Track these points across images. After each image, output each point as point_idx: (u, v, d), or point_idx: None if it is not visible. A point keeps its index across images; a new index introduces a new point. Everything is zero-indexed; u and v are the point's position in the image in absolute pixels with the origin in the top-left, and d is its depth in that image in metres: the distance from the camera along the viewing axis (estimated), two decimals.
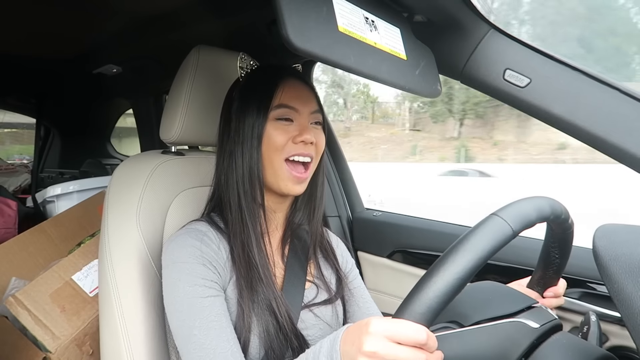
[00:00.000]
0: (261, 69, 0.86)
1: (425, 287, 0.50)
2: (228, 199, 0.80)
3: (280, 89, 0.79)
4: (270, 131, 0.78)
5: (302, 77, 0.84)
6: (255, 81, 0.83)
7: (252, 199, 0.79)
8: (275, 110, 0.78)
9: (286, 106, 0.78)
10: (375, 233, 1.47)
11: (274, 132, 0.78)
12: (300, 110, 0.79)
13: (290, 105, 0.78)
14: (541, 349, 0.61)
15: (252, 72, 0.85)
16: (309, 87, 0.83)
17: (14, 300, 1.11)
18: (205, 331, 0.68)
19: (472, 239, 0.52)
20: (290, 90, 0.79)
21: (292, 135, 0.78)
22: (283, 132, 0.78)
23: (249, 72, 0.85)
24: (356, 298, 0.92)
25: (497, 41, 0.76)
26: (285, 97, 0.78)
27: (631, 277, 0.49)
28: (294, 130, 0.79)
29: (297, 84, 0.81)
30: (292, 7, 0.51)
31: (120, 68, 1.89)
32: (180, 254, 0.74)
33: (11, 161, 3.24)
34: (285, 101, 0.78)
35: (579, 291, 0.99)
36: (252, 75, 0.85)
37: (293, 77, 0.81)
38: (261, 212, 0.82)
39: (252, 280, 0.75)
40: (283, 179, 0.79)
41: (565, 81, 0.70)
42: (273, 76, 0.81)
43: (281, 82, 0.79)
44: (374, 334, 0.51)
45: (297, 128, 0.79)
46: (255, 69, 0.86)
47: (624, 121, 0.65)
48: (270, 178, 0.80)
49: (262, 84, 0.80)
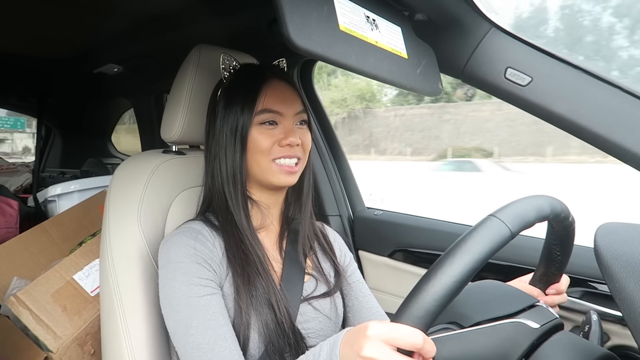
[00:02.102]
0: (243, 70, 0.85)
1: (422, 291, 0.50)
2: (216, 200, 0.81)
3: (263, 93, 0.78)
4: (255, 135, 0.78)
5: (285, 77, 0.83)
6: (238, 83, 0.82)
7: (236, 199, 0.79)
8: (260, 115, 0.78)
9: (270, 111, 0.78)
10: (376, 232, 1.47)
11: (259, 137, 0.78)
12: (285, 113, 0.79)
13: (275, 110, 0.78)
14: (542, 348, 0.61)
15: (235, 73, 0.85)
16: (292, 87, 0.83)
17: (16, 300, 1.11)
18: (203, 330, 0.68)
19: (469, 241, 0.52)
20: (273, 94, 0.79)
21: (278, 138, 0.78)
22: (268, 137, 0.78)
23: (231, 72, 0.85)
24: (355, 292, 0.92)
25: (499, 40, 0.76)
26: (268, 101, 0.78)
27: (632, 276, 0.49)
28: (279, 133, 0.79)
29: (281, 85, 0.81)
30: (293, 5, 0.51)
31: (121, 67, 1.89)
32: (175, 253, 0.74)
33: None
34: (269, 105, 0.78)
35: (580, 290, 0.99)
36: (235, 76, 0.84)
37: (276, 79, 0.81)
38: (255, 209, 0.82)
39: (250, 276, 0.75)
40: (273, 174, 0.79)
41: (566, 80, 0.70)
42: (255, 79, 0.80)
43: (264, 85, 0.79)
44: (372, 337, 0.51)
45: (282, 131, 0.79)
46: (238, 69, 0.85)
47: (625, 119, 0.65)
48: (259, 176, 0.80)
49: (246, 87, 0.80)
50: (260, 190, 0.84)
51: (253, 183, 0.83)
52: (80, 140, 2.77)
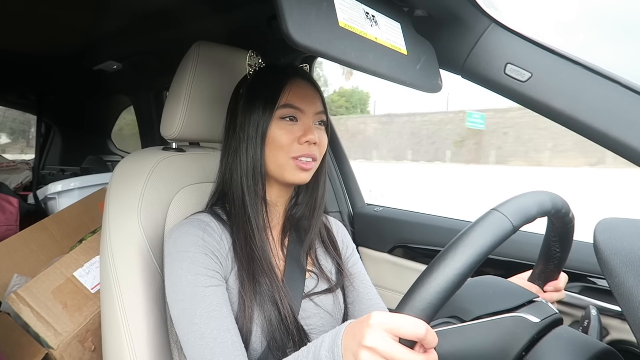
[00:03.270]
0: (269, 67, 0.87)
1: (425, 283, 0.50)
2: (232, 193, 0.81)
3: (287, 89, 0.79)
4: (275, 130, 0.79)
5: (309, 78, 0.85)
6: (263, 79, 0.83)
7: (255, 193, 0.80)
8: (281, 110, 0.79)
9: (292, 106, 0.79)
10: (376, 228, 1.47)
11: (279, 132, 0.79)
12: (306, 111, 0.80)
13: (296, 106, 0.79)
14: (542, 343, 0.61)
15: (260, 70, 0.86)
16: (315, 88, 0.84)
17: (16, 297, 1.11)
18: (206, 320, 0.69)
19: (472, 234, 0.52)
20: (297, 90, 0.80)
21: (297, 135, 0.79)
22: (287, 132, 0.79)
23: (256, 70, 0.86)
24: (356, 284, 0.92)
25: (498, 35, 0.76)
26: (291, 97, 0.79)
27: (631, 271, 0.49)
28: (298, 130, 0.80)
29: (304, 84, 0.82)
30: (292, 2, 0.51)
31: (121, 64, 1.89)
32: (182, 243, 0.74)
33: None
34: (291, 101, 0.79)
35: (579, 285, 1.00)
36: (260, 73, 0.85)
37: (300, 77, 0.82)
38: (264, 206, 0.82)
39: (255, 272, 0.76)
40: (289, 170, 0.80)
41: (566, 75, 0.70)
42: (280, 75, 0.81)
43: (288, 81, 0.80)
44: (374, 326, 0.51)
45: (302, 128, 0.80)
46: (264, 67, 0.87)
47: (625, 115, 0.65)
48: (275, 172, 0.81)
49: (270, 83, 0.81)
50: (271, 187, 0.85)
51: (266, 179, 0.84)
52: (80, 138, 2.77)
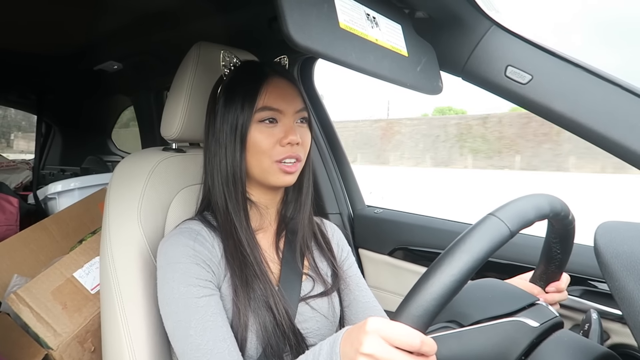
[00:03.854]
0: (244, 67, 0.84)
1: (421, 290, 0.50)
2: (215, 201, 0.80)
3: (264, 91, 0.77)
4: (255, 134, 0.77)
5: (286, 74, 0.82)
6: (238, 81, 0.81)
7: (236, 200, 0.78)
8: (259, 113, 0.77)
9: (270, 108, 0.77)
10: (376, 230, 1.47)
11: (259, 136, 0.77)
12: (285, 111, 0.78)
13: (275, 107, 0.77)
14: (541, 347, 0.61)
15: (235, 70, 0.84)
16: (293, 85, 0.82)
17: (16, 298, 1.11)
18: (202, 331, 0.68)
19: (468, 240, 0.52)
20: (274, 91, 0.78)
21: (278, 137, 0.77)
22: (268, 135, 0.77)
23: (232, 69, 0.84)
24: (351, 287, 0.91)
25: (499, 37, 0.76)
26: (269, 98, 0.77)
27: (632, 275, 0.49)
28: (279, 132, 0.78)
29: (281, 82, 0.80)
30: (293, 3, 0.51)
31: (121, 64, 1.89)
32: (174, 254, 0.73)
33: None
34: (269, 103, 0.77)
35: (580, 289, 0.99)
36: (235, 73, 0.83)
37: (277, 76, 0.80)
38: (253, 210, 0.82)
39: (248, 278, 0.75)
40: (273, 174, 0.78)
41: (567, 78, 0.69)
42: (256, 76, 0.79)
43: (264, 82, 0.78)
44: (371, 333, 0.50)
45: (282, 129, 0.78)
46: (238, 67, 0.84)
47: (625, 118, 0.65)
48: (259, 176, 0.80)
49: (245, 85, 0.79)
50: (259, 191, 0.83)
51: (251, 183, 0.83)
52: (80, 138, 2.77)
